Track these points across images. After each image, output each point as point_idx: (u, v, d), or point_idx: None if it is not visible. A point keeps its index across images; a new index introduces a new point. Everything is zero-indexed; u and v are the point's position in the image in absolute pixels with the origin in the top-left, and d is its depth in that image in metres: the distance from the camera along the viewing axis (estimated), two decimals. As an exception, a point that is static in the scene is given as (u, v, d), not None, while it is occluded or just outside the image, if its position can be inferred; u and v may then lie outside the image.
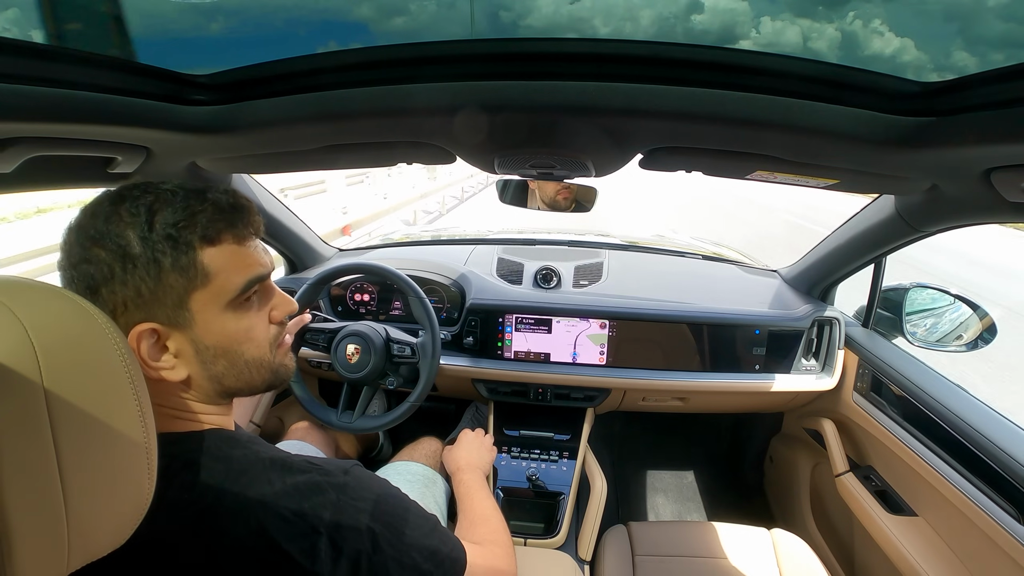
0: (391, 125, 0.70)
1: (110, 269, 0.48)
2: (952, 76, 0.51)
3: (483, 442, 1.19)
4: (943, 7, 63.26)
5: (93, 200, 0.51)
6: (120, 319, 0.49)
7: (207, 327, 0.52)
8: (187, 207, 0.51)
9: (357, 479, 0.55)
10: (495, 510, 0.89)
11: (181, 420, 0.53)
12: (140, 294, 0.49)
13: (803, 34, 55.64)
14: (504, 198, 1.31)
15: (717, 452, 1.95)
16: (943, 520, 1.01)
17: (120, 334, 0.39)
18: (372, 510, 0.53)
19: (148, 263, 0.48)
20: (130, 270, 0.48)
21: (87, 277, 0.48)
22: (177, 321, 0.51)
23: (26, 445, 0.31)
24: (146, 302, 0.49)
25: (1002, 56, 0.58)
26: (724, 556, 1.10)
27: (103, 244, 0.48)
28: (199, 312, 0.51)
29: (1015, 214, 0.71)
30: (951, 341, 1.18)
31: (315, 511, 0.50)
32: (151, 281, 0.49)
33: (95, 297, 0.48)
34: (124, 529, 0.39)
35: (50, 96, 0.53)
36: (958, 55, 31.57)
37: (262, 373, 0.58)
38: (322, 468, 0.54)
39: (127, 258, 0.48)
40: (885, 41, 63.38)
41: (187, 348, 0.52)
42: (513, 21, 71.17)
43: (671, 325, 1.31)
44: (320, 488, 0.52)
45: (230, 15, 71.13)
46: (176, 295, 0.50)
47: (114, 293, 0.48)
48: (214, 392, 0.56)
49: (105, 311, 0.47)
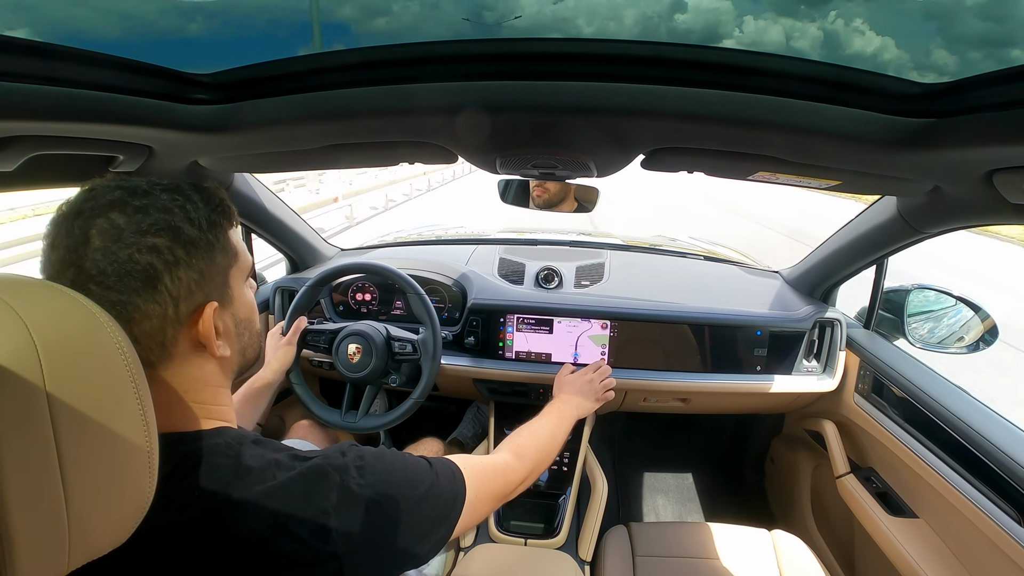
0: (393, 125, 0.70)
1: (173, 255, 0.49)
2: (932, 75, 0.51)
3: (596, 387, 1.12)
4: (922, 6, 63.85)
5: (101, 204, 0.49)
6: (183, 305, 0.50)
7: (240, 300, 0.58)
8: (204, 197, 0.54)
9: (356, 456, 0.56)
10: (543, 435, 0.87)
11: (191, 417, 0.53)
12: (202, 274, 0.51)
13: (785, 33, 55.99)
14: (506, 198, 1.31)
15: (718, 453, 1.95)
16: (944, 522, 1.01)
17: (122, 332, 0.39)
18: (373, 482, 0.54)
19: (206, 245, 0.52)
20: (192, 252, 0.51)
21: (146, 268, 0.48)
22: (224, 298, 0.55)
23: (27, 443, 0.32)
24: (206, 282, 0.52)
25: (980, 55, 0.58)
26: (724, 557, 1.10)
27: (160, 233, 0.49)
28: (235, 287, 0.57)
29: (1017, 216, 0.71)
30: (952, 343, 1.18)
31: (322, 493, 0.51)
32: (208, 262, 0.52)
33: (155, 288, 0.48)
34: (125, 527, 0.39)
35: (52, 95, 0.53)
36: (937, 53, 31.75)
37: (259, 343, 0.64)
38: (323, 453, 0.56)
39: (189, 242, 0.50)
40: (866, 40, 63.85)
41: (230, 323, 0.56)
42: (496, 21, 71.64)
43: (672, 326, 1.31)
44: (324, 471, 0.52)
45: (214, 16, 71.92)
46: (223, 273, 0.54)
47: (179, 279, 0.50)
48: (237, 366, 0.59)
49: (169, 299, 0.49)
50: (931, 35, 58.64)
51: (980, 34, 59.65)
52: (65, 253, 0.48)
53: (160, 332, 0.49)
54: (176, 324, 0.50)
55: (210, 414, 0.55)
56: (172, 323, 0.50)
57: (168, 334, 0.50)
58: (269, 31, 60.34)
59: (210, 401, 0.55)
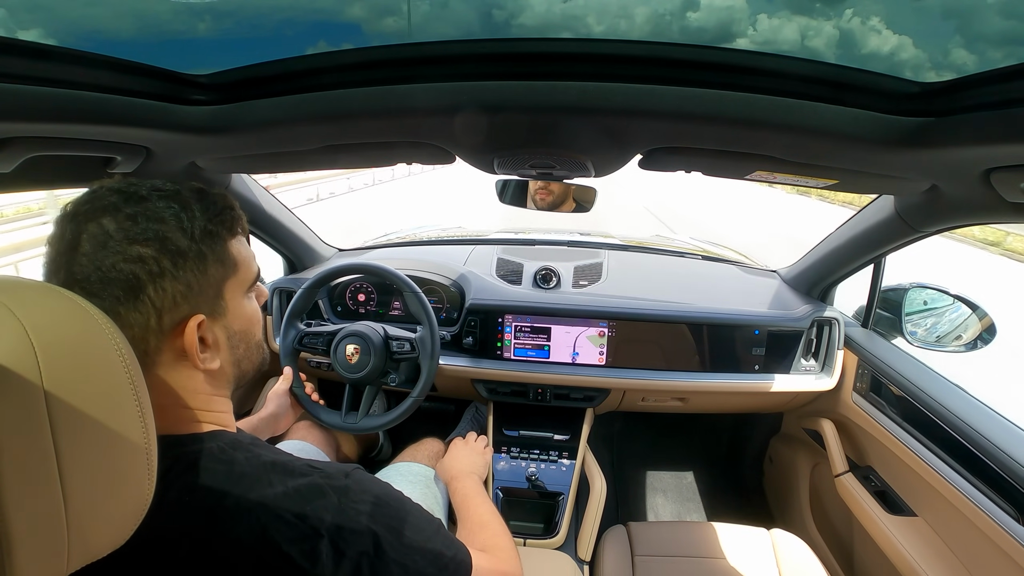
0: (390, 125, 0.70)
1: (159, 265, 0.48)
2: (950, 74, 0.51)
3: (474, 447, 1.19)
4: (941, 4, 64.45)
5: (95, 208, 0.48)
6: (166, 316, 0.49)
7: (236, 313, 0.56)
8: (205, 205, 0.53)
9: (358, 482, 0.55)
10: (494, 514, 0.89)
11: (185, 422, 0.53)
12: (190, 287, 0.50)
13: (800, 32, 56.36)
14: (504, 198, 1.31)
15: (716, 452, 1.95)
16: (942, 520, 1.01)
17: (120, 333, 0.38)
18: (374, 512, 0.53)
19: (196, 256, 0.51)
20: (180, 264, 0.49)
21: (129, 278, 0.47)
22: (215, 311, 0.54)
23: (26, 446, 0.31)
24: (194, 294, 0.51)
25: (1001, 54, 0.58)
26: (723, 556, 1.10)
27: (147, 243, 0.48)
28: (231, 300, 0.55)
29: (1014, 214, 0.71)
30: (950, 341, 1.18)
31: (316, 514, 0.50)
32: (199, 274, 0.51)
33: (137, 298, 0.48)
34: (124, 530, 0.39)
35: (50, 96, 0.53)
36: (956, 53, 31.96)
37: (261, 353, 0.63)
38: (323, 471, 0.54)
39: (177, 253, 0.49)
40: (883, 39, 64.33)
41: (221, 336, 0.55)
42: (506, 20, 72.22)
43: (671, 325, 1.31)
44: (322, 491, 0.51)
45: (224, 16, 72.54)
46: (216, 285, 0.53)
47: (164, 290, 0.49)
48: (232, 378, 0.58)
49: (151, 309, 0.48)
50: (950, 33, 58.70)
51: (1002, 32, 59.47)
52: (57, 255, 0.48)
53: (142, 341, 0.49)
54: (159, 335, 0.50)
55: (204, 419, 0.54)
56: (155, 333, 0.49)
57: (151, 343, 0.50)
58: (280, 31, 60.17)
59: (203, 407, 0.54)
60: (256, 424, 1.05)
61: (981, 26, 58.52)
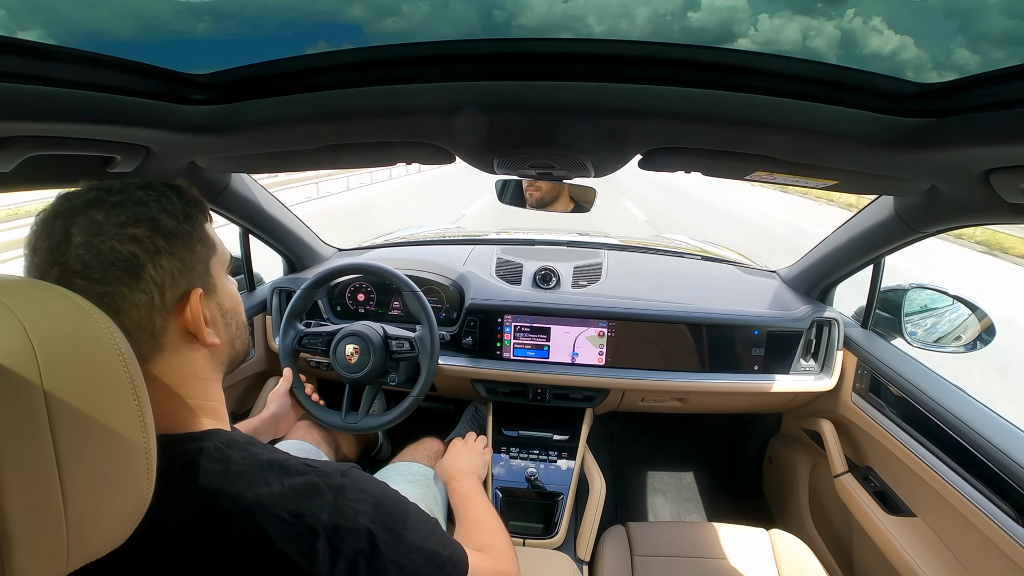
0: (390, 125, 0.70)
1: (154, 244, 0.50)
2: (952, 74, 0.51)
3: (473, 447, 1.19)
4: (943, 4, 64.39)
5: (79, 204, 0.49)
6: (168, 292, 0.51)
7: (223, 290, 0.59)
8: (177, 192, 0.55)
9: (355, 481, 0.55)
10: (492, 514, 0.89)
11: (182, 419, 0.53)
12: (184, 263, 0.53)
13: (802, 32, 56.32)
14: (503, 198, 1.31)
15: (716, 452, 1.95)
16: (942, 521, 1.01)
17: (117, 329, 0.38)
18: (370, 512, 0.53)
19: (184, 235, 0.53)
20: (172, 241, 0.52)
21: (129, 258, 0.49)
22: (207, 286, 0.56)
23: (25, 445, 0.31)
24: (188, 270, 0.53)
25: (1004, 54, 0.58)
26: (723, 556, 1.10)
27: (139, 224, 0.50)
28: (217, 277, 0.58)
29: (1014, 215, 0.71)
30: (950, 342, 1.18)
31: (313, 512, 0.50)
32: (189, 251, 0.53)
33: (139, 277, 0.49)
34: (123, 529, 0.39)
35: (50, 95, 0.53)
36: (959, 53, 31.90)
37: (247, 333, 0.65)
38: (320, 470, 0.54)
39: (168, 232, 0.52)
40: (884, 39, 64.25)
41: (216, 313, 0.57)
42: (506, 20, 72.20)
43: (670, 325, 1.31)
44: (318, 489, 0.51)
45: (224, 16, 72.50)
46: (204, 263, 0.56)
47: (162, 267, 0.51)
48: (227, 358, 0.60)
49: (153, 287, 0.50)
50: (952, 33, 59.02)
51: (1005, 31, 59.68)
52: (47, 254, 0.48)
53: (149, 322, 0.50)
54: (164, 312, 0.51)
55: (202, 411, 0.55)
56: (160, 312, 0.51)
57: (157, 323, 0.51)
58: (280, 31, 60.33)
59: (201, 396, 0.55)
60: (257, 426, 1.05)
61: (984, 26, 58.32)
